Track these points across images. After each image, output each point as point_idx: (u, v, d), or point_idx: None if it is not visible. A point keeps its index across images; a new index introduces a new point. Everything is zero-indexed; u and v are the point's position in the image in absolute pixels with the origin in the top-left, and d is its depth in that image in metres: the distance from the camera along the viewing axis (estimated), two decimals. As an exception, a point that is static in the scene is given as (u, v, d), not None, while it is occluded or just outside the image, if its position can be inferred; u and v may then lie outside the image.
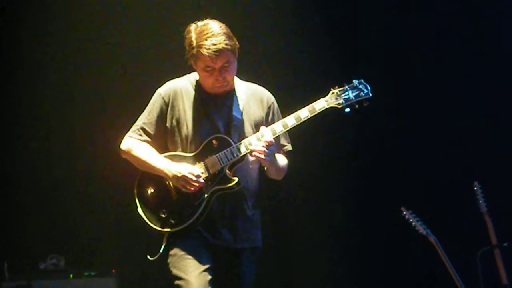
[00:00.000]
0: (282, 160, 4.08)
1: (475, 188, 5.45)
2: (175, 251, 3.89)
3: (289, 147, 4.13)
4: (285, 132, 3.97)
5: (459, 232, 5.81)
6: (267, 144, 3.82)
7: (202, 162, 3.90)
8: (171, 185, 3.92)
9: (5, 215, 6.17)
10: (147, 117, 4.02)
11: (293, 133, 4.08)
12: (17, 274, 5.77)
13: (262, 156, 3.83)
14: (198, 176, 3.84)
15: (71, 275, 5.83)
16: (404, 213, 5.35)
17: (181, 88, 4.02)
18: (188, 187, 3.85)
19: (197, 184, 3.84)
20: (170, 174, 3.87)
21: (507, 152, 5.98)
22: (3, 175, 6.21)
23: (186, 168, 3.85)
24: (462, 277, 5.19)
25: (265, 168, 4.02)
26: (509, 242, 5.35)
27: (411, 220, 5.33)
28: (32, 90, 6.29)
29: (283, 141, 4.10)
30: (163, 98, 4.01)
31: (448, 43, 6.17)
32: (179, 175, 3.84)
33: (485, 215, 5.40)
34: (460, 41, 6.16)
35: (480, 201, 5.42)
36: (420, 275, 6.05)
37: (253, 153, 3.85)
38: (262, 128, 3.90)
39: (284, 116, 3.98)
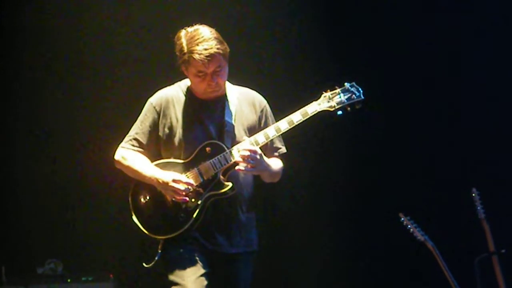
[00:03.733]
0: (276, 164, 4.07)
1: (473, 195, 5.43)
2: (171, 257, 3.90)
3: (283, 149, 4.13)
4: (278, 135, 3.99)
5: (457, 238, 5.79)
6: (247, 156, 3.82)
7: (195, 168, 3.91)
8: (164, 192, 3.94)
9: (3, 219, 6.17)
10: (140, 127, 4.04)
11: (290, 136, 4.09)
12: (14, 278, 5.75)
13: (248, 168, 3.84)
14: (187, 183, 3.84)
15: (69, 280, 5.83)
16: (402, 219, 5.34)
17: (172, 96, 4.03)
18: (176, 197, 3.86)
19: (184, 193, 3.84)
20: (158, 183, 3.89)
21: (505, 158, 5.97)
22: (1, 179, 6.21)
23: (172, 177, 3.85)
24: (460, 283, 5.18)
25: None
26: (507, 249, 5.33)
27: (409, 226, 5.31)
28: (34, 93, 6.30)
29: (277, 144, 4.10)
30: (154, 107, 4.02)
31: (450, 44, 6.15)
32: (166, 184, 3.85)
33: (483, 221, 5.38)
34: (462, 42, 6.14)
35: (478, 208, 5.40)
36: (418, 281, 6.04)
37: (237, 168, 3.86)
38: (245, 138, 3.92)
39: (277, 119, 3.99)
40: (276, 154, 4.09)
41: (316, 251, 6.30)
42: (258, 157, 3.84)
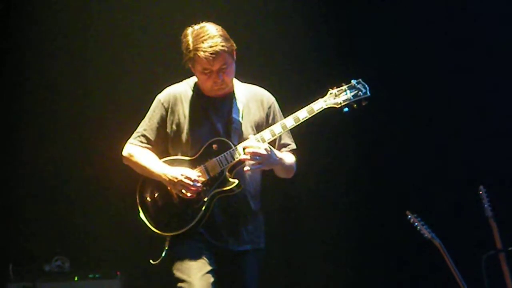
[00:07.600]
0: (289, 158, 4.07)
1: (481, 192, 5.41)
2: (177, 254, 3.91)
3: (293, 145, 4.13)
4: (287, 131, 3.99)
5: (464, 236, 5.78)
6: (253, 153, 3.82)
7: (202, 165, 3.92)
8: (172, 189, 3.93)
9: (10, 217, 6.19)
10: (148, 123, 4.05)
11: (299, 135, 4.08)
12: (22, 276, 5.80)
13: (255, 164, 3.84)
14: (195, 181, 3.85)
15: (76, 277, 5.86)
16: (409, 217, 5.32)
17: (181, 93, 4.04)
18: (185, 192, 3.87)
19: (193, 189, 3.86)
20: (167, 179, 3.89)
21: (512, 155, 5.97)
22: (8, 177, 6.23)
23: (182, 173, 3.86)
24: (467, 281, 5.17)
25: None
26: (515, 246, 5.33)
27: (416, 224, 5.30)
28: (39, 91, 6.32)
29: (286, 140, 4.10)
30: (162, 104, 4.04)
31: (452, 43, 6.13)
32: (175, 180, 3.86)
33: (491, 219, 5.36)
34: (463, 41, 6.12)
35: (486, 205, 5.38)
36: (425, 279, 6.03)
37: (245, 169, 3.87)
38: (251, 136, 3.91)
39: (284, 116, 3.99)
40: (286, 150, 4.09)
41: (323, 247, 6.29)
42: (264, 152, 3.84)
